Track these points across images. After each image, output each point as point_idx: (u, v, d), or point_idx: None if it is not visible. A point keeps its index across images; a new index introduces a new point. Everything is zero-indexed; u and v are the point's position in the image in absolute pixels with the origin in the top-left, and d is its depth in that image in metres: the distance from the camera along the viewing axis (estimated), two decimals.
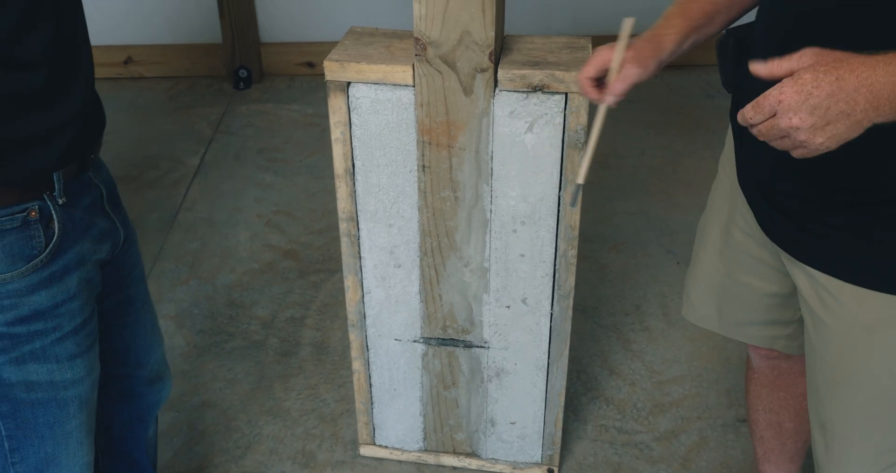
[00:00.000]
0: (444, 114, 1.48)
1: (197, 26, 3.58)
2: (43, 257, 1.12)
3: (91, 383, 1.26)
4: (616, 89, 1.23)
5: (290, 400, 2.10)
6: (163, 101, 3.48)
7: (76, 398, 1.23)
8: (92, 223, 1.21)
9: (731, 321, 1.49)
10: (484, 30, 1.39)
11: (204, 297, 2.43)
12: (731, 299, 1.46)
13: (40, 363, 1.17)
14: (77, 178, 1.17)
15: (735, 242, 1.40)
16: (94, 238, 1.21)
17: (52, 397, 1.20)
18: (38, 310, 1.14)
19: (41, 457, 1.24)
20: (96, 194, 1.23)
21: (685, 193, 2.85)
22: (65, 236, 1.14)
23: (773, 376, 1.56)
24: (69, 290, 1.16)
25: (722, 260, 1.44)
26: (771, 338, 1.47)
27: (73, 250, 1.17)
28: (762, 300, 1.41)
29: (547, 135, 1.48)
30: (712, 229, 1.46)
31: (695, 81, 3.55)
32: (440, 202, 1.57)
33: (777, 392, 1.57)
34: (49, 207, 1.12)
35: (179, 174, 2.99)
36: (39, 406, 1.20)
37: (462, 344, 1.74)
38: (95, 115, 1.22)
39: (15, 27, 1.02)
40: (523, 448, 1.87)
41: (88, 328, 1.22)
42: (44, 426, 1.22)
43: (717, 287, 1.47)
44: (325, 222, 2.72)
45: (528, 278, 1.63)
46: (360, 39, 1.55)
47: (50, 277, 1.13)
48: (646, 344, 2.25)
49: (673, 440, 1.98)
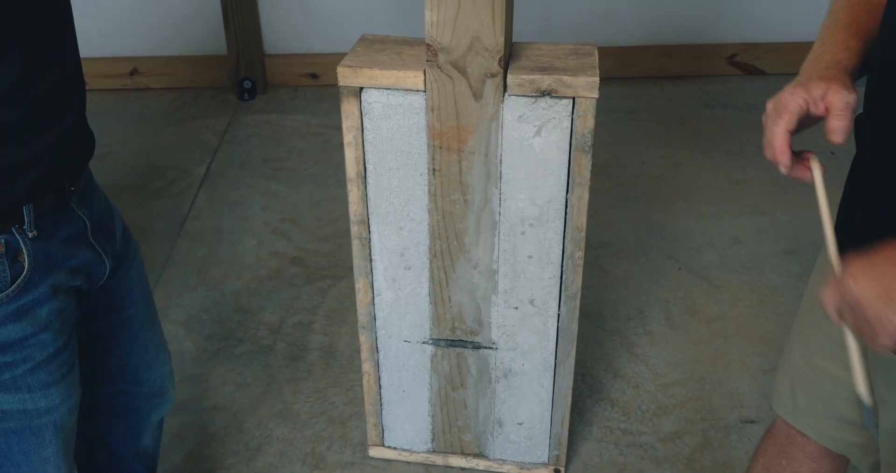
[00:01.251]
0: (454, 118, 1.52)
1: (202, 38, 3.62)
2: (9, 292, 1.08)
3: (68, 409, 1.22)
4: (837, 139, 1.00)
5: (299, 403, 2.13)
6: (168, 111, 3.52)
7: (51, 424, 1.20)
8: (71, 255, 1.17)
9: (804, 410, 1.33)
10: (494, 36, 1.43)
11: (212, 303, 2.46)
12: (805, 385, 1.31)
13: (11, 394, 1.14)
14: (55, 210, 1.12)
15: (817, 319, 1.25)
16: (70, 270, 1.17)
17: (26, 425, 1.17)
18: (7, 342, 1.10)
19: None
20: (79, 226, 1.18)
21: (685, 200, 2.89)
22: (36, 270, 1.10)
23: (785, 441, 1.42)
24: (39, 322, 1.12)
25: (801, 338, 1.31)
26: (844, 443, 1.30)
27: (46, 282, 1.12)
28: (840, 393, 1.25)
29: (555, 139, 1.52)
30: (804, 305, 1.32)
31: (694, 92, 3.60)
32: (450, 205, 1.61)
33: (780, 459, 1.44)
34: (18, 240, 1.07)
35: (186, 184, 3.02)
36: (13, 435, 1.17)
37: (470, 345, 1.77)
38: (78, 146, 1.16)
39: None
40: (530, 449, 1.89)
41: (63, 357, 1.18)
42: (19, 453, 1.19)
43: (793, 370, 1.33)
44: (331, 230, 2.76)
45: (535, 279, 1.67)
46: (371, 46, 1.58)
47: (17, 311, 1.10)
48: (649, 348, 2.28)
49: (677, 441, 2.01)
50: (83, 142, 1.18)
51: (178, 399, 2.12)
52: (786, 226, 2.73)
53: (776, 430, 1.43)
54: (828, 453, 1.35)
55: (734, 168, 3.07)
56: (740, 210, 2.84)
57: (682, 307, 2.43)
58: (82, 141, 1.18)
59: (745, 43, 3.69)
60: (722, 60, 3.71)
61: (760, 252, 2.64)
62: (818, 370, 1.27)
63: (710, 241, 2.70)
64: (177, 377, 2.19)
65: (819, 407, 1.30)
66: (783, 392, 1.36)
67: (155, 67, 3.64)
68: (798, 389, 1.33)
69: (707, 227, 2.76)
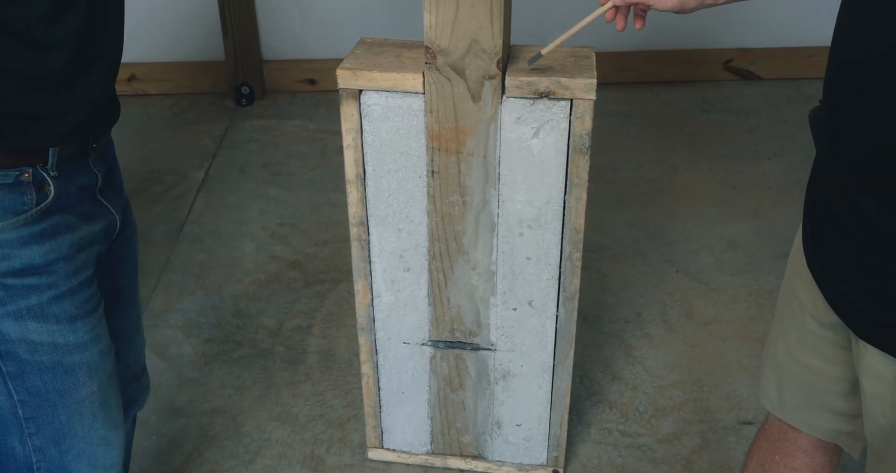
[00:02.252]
0: (452, 120, 1.53)
1: (200, 44, 3.64)
2: (33, 212, 1.16)
3: (99, 351, 1.27)
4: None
5: (298, 406, 2.13)
6: (166, 117, 3.53)
7: (83, 364, 1.25)
8: (84, 202, 1.25)
9: (791, 404, 1.35)
10: (492, 38, 1.44)
11: (211, 307, 2.46)
12: (790, 380, 1.34)
13: (39, 322, 1.19)
14: (75, 160, 1.21)
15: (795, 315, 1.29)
16: (83, 215, 1.25)
17: (58, 361, 1.22)
18: (31, 265, 1.17)
19: (56, 428, 1.26)
20: (92, 180, 1.26)
21: (682, 204, 2.91)
22: (57, 201, 1.18)
23: (778, 436, 1.45)
24: (60, 250, 1.20)
25: (782, 334, 1.34)
26: (834, 432, 1.33)
27: (64, 215, 1.20)
28: (824, 385, 1.29)
29: (552, 140, 1.53)
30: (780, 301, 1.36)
31: (690, 97, 3.62)
32: (448, 207, 1.62)
33: (773, 454, 1.47)
34: (42, 174, 1.16)
35: (184, 188, 3.03)
36: (47, 371, 1.22)
37: (469, 347, 1.78)
38: (106, 108, 1.26)
39: (50, 8, 1.07)
40: (529, 450, 1.90)
41: (87, 293, 1.25)
42: (54, 392, 1.24)
43: (777, 365, 1.36)
44: (330, 234, 2.77)
45: (534, 280, 1.68)
46: (370, 49, 1.60)
47: (41, 233, 1.17)
48: (647, 350, 2.29)
49: (675, 442, 2.02)
50: (109, 104, 1.26)
51: (176, 403, 2.14)
52: (782, 229, 2.75)
53: (768, 426, 1.45)
54: (819, 445, 1.36)
55: (730, 172, 3.09)
56: (737, 214, 2.85)
57: (680, 309, 2.44)
58: (109, 102, 1.26)
59: (740, 48, 3.71)
60: (717, 65, 3.73)
61: (757, 255, 2.65)
62: (801, 364, 1.29)
63: (706, 244, 2.71)
64: (176, 381, 2.22)
65: (805, 400, 1.31)
66: (769, 388, 1.38)
67: (153, 73, 3.65)
68: (784, 384, 1.34)
69: (704, 230, 2.78)
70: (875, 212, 1.02)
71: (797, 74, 3.70)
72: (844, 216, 1.08)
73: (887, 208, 1.01)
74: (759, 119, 3.44)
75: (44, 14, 1.07)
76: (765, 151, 3.21)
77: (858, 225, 1.05)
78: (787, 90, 3.65)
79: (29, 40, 1.07)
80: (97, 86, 1.19)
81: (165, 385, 2.18)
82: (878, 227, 1.02)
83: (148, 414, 2.08)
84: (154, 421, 2.08)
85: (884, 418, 1.14)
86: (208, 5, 3.52)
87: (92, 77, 1.17)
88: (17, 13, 1.05)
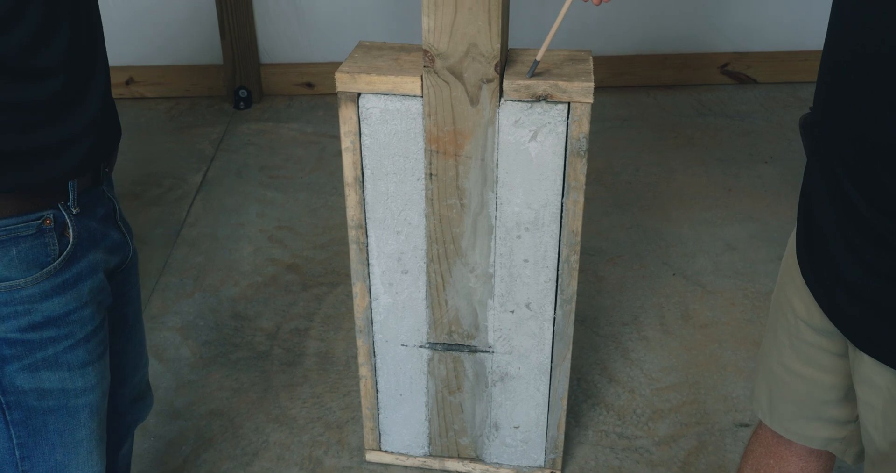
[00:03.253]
0: (451, 123, 1.54)
1: (198, 48, 3.64)
2: (56, 264, 1.14)
3: (101, 392, 1.27)
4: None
5: (295, 408, 2.14)
6: (164, 120, 3.54)
7: (87, 406, 1.24)
8: (105, 234, 1.24)
9: (782, 414, 1.36)
10: (490, 42, 1.45)
11: (209, 309, 2.47)
12: (781, 389, 1.34)
13: (52, 371, 1.18)
14: (91, 190, 1.20)
15: (788, 323, 1.29)
16: (106, 249, 1.24)
17: (64, 404, 1.21)
18: (51, 317, 1.16)
19: (51, 465, 1.25)
20: (110, 208, 1.26)
21: (679, 206, 2.92)
22: (79, 245, 1.17)
23: (772, 441, 1.45)
24: (81, 298, 1.19)
25: (774, 343, 1.34)
26: (825, 440, 1.33)
27: (87, 258, 1.19)
28: (817, 395, 1.29)
29: (550, 143, 1.54)
30: (772, 309, 1.37)
31: (687, 101, 3.63)
32: (447, 209, 1.62)
33: (767, 459, 1.47)
34: (63, 215, 1.14)
35: (182, 191, 3.04)
36: (50, 414, 1.21)
37: (467, 349, 1.78)
38: (110, 126, 1.25)
39: (32, 38, 1.04)
40: (527, 452, 1.91)
41: (99, 337, 1.24)
42: (54, 433, 1.23)
43: (769, 374, 1.36)
44: (327, 237, 2.77)
45: (531, 283, 1.68)
46: (369, 52, 1.60)
47: (63, 284, 1.16)
48: (644, 353, 2.30)
49: (672, 444, 2.03)
50: (112, 123, 1.25)
51: (174, 405, 2.14)
52: (778, 232, 2.76)
53: (762, 430, 1.44)
54: (813, 450, 1.37)
55: (727, 175, 3.10)
56: (733, 217, 2.86)
57: (677, 312, 2.45)
58: (111, 122, 1.24)
59: (736, 52, 3.72)
60: (714, 69, 3.75)
61: (753, 258, 2.66)
62: (794, 374, 1.29)
63: (703, 247, 2.72)
64: (174, 383, 2.22)
65: (797, 411, 1.31)
66: (762, 398, 1.38)
67: (150, 77, 3.66)
68: (776, 394, 1.34)
69: (700, 233, 2.79)
70: (865, 210, 1.02)
71: (793, 78, 3.72)
72: (836, 219, 1.09)
73: (876, 205, 1.01)
74: (755, 123, 3.46)
75: (27, 44, 1.04)
76: (761, 154, 3.22)
77: (850, 226, 1.06)
78: (783, 94, 3.66)
79: (16, 72, 1.05)
80: (95, 106, 1.17)
81: (164, 388, 2.19)
82: (872, 226, 1.02)
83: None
84: (152, 424, 2.09)
85: (875, 429, 1.15)
86: (206, 9, 3.53)
87: (89, 99, 1.15)
88: (3, 45, 1.02)
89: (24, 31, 1.03)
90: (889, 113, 0.96)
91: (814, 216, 1.16)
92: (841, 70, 1.04)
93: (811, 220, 1.17)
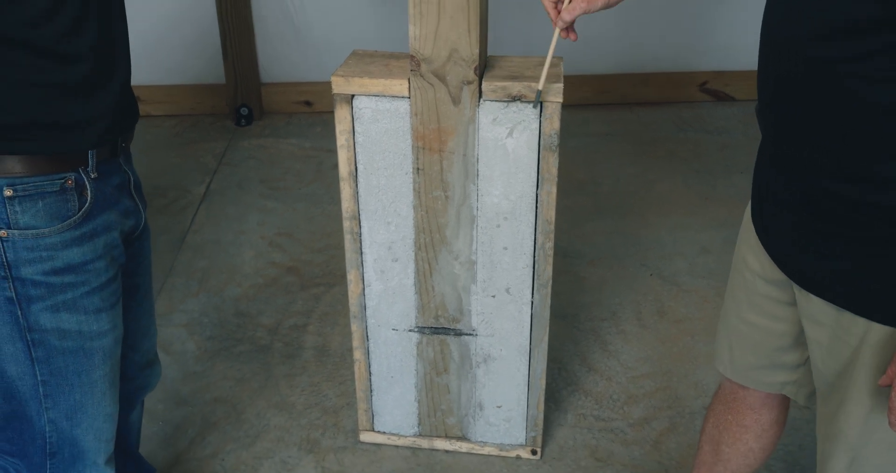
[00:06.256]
0: (435, 121, 1.70)
1: (202, 69, 3.83)
2: (76, 218, 1.32)
3: (114, 339, 1.44)
4: (564, 17, 1.49)
5: (294, 396, 2.28)
6: (169, 137, 3.71)
7: (101, 349, 1.41)
8: (119, 200, 1.42)
9: (741, 364, 1.51)
10: (470, 47, 1.62)
11: (213, 308, 2.62)
12: (740, 340, 1.49)
13: (71, 313, 1.35)
14: (108, 160, 1.37)
15: (745, 280, 1.45)
16: (120, 212, 1.42)
17: (80, 346, 1.38)
18: (70, 264, 1.33)
19: (70, 404, 1.41)
20: (125, 178, 1.43)
21: (657, 213, 3.08)
22: (95, 204, 1.34)
23: (730, 398, 1.61)
24: (96, 250, 1.36)
25: (733, 300, 1.50)
26: (780, 384, 1.49)
27: (102, 217, 1.36)
28: (771, 341, 1.45)
29: (525, 139, 1.70)
30: (731, 273, 1.52)
31: (667, 117, 3.81)
32: (432, 201, 1.79)
33: (726, 414, 1.62)
34: (83, 178, 1.32)
35: (186, 201, 3.20)
36: (70, 355, 1.37)
37: (453, 332, 1.94)
38: (129, 108, 1.43)
39: (69, 28, 1.23)
40: (509, 431, 2.05)
41: (112, 288, 1.41)
42: (73, 374, 1.39)
43: (729, 329, 1.52)
44: (325, 242, 2.93)
45: (510, 269, 1.84)
46: (362, 59, 1.77)
47: (81, 236, 1.33)
48: (621, 345, 2.45)
49: (645, 426, 2.18)
50: (130, 104, 1.43)
51: (181, 393, 2.29)
52: None
53: (721, 390, 1.62)
54: (766, 402, 1.53)
55: (704, 185, 3.27)
56: (709, 223, 3.03)
57: (653, 308, 2.60)
58: (130, 103, 1.42)
59: (715, 71, 3.91)
60: (694, 86, 3.93)
61: (727, 260, 2.78)
62: (749, 324, 1.46)
63: (680, 250, 2.88)
64: (180, 374, 2.37)
65: (754, 359, 1.48)
66: (722, 352, 1.55)
67: (157, 96, 3.83)
68: (734, 345, 1.51)
69: (678, 237, 2.95)
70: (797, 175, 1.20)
71: None
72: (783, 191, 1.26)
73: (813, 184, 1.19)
74: (733, 137, 3.63)
75: (64, 31, 1.23)
76: (736, 165, 3.39)
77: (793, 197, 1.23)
78: None
79: (55, 55, 1.24)
80: (117, 90, 1.36)
81: (171, 378, 2.33)
82: (806, 198, 1.20)
83: (154, 404, 2.23)
84: (161, 410, 2.23)
85: (822, 363, 1.31)
86: (210, 32, 3.72)
87: (112, 84, 1.34)
88: (42, 32, 1.22)
89: (62, 22, 1.22)
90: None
91: (762, 179, 1.34)
92: (762, 56, 1.24)
93: (762, 186, 1.34)
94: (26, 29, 1.20)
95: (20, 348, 1.34)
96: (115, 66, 1.35)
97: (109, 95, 1.34)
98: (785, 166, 1.25)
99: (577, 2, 1.47)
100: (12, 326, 1.32)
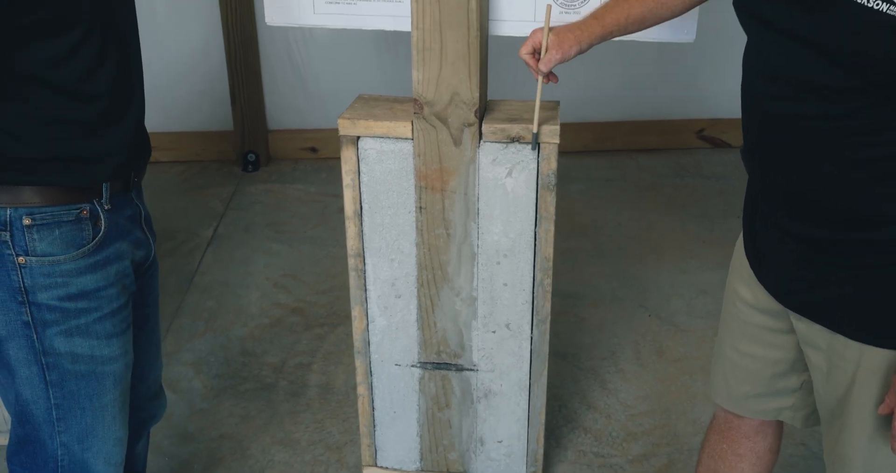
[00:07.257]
0: (437, 162, 1.77)
1: (210, 115, 3.92)
2: (90, 246, 1.39)
3: (125, 364, 1.49)
4: (542, 69, 1.58)
5: (299, 432, 2.32)
6: (177, 182, 3.79)
7: (112, 374, 1.47)
8: (131, 231, 1.49)
9: (737, 394, 1.55)
10: (471, 91, 1.70)
11: (219, 347, 2.67)
12: (735, 370, 1.54)
13: (84, 338, 1.41)
14: (121, 194, 1.44)
15: (738, 311, 1.50)
16: (131, 242, 1.49)
17: (92, 370, 1.44)
18: (84, 290, 1.40)
19: (82, 427, 1.46)
20: (136, 211, 1.51)
21: (657, 257, 3.14)
22: (108, 234, 1.41)
23: (724, 427, 1.65)
24: (109, 278, 1.43)
25: (727, 332, 1.55)
26: (776, 410, 1.54)
27: (114, 246, 1.43)
28: (767, 369, 1.49)
29: (524, 179, 1.77)
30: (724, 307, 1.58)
31: (666, 163, 3.89)
32: (435, 239, 1.85)
33: (721, 444, 1.66)
34: (98, 209, 1.39)
35: (194, 244, 3.27)
36: (82, 378, 1.43)
37: (454, 368, 1.98)
38: (142, 145, 1.51)
39: (87, 69, 1.32)
40: (510, 466, 2.09)
41: (123, 314, 1.48)
42: (85, 397, 1.45)
43: (723, 360, 1.57)
44: (329, 284, 2.99)
45: (510, 305, 1.89)
46: (367, 103, 1.85)
47: (94, 264, 1.40)
48: (620, 383, 2.49)
49: (644, 462, 2.21)
50: (143, 142, 1.51)
51: (187, 430, 2.33)
52: None
53: (716, 420, 1.66)
54: (760, 430, 1.58)
55: (702, 229, 3.33)
56: (707, 265, 3.08)
57: (652, 348, 2.65)
58: (143, 141, 1.50)
59: (712, 118, 4.00)
60: (691, 134, 4.02)
61: None
62: (744, 354, 1.51)
63: (678, 291, 2.93)
64: (186, 412, 2.41)
65: (750, 388, 1.53)
66: (718, 383, 1.60)
67: (165, 143, 3.92)
68: (730, 375, 1.56)
69: (676, 279, 3.00)
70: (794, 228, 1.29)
71: None
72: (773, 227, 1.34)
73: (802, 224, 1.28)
74: (729, 183, 3.71)
75: (83, 71, 1.32)
76: (733, 210, 3.45)
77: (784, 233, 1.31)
78: None
79: (75, 94, 1.32)
80: (132, 128, 1.44)
81: (177, 415, 2.37)
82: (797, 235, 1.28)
83: (161, 440, 2.27)
84: (167, 446, 2.27)
85: (823, 388, 1.37)
86: (219, 80, 3.82)
87: (127, 121, 1.42)
88: (64, 73, 1.30)
89: (81, 63, 1.30)
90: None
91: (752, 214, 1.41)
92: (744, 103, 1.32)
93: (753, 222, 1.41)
94: (49, 69, 1.28)
95: (35, 371, 1.40)
96: (131, 104, 1.43)
97: (124, 132, 1.41)
98: (771, 205, 1.32)
99: (551, 53, 1.56)
100: (28, 350, 1.38)
